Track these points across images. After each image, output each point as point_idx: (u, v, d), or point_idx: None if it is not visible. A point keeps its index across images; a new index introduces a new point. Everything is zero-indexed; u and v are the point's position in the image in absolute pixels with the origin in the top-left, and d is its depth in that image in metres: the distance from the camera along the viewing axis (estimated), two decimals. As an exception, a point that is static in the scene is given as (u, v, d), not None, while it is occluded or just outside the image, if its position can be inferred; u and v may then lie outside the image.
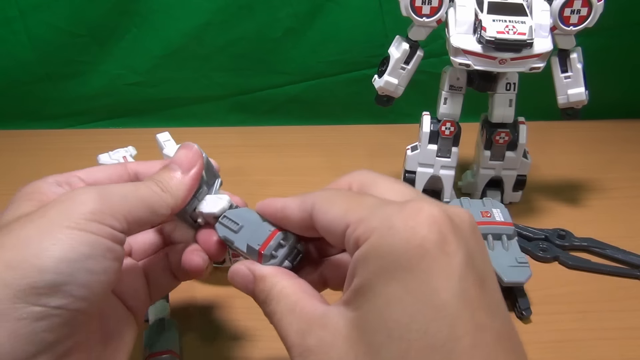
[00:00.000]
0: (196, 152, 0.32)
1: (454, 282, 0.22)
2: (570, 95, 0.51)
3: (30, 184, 0.29)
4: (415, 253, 0.22)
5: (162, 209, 0.29)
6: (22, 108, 0.77)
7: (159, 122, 0.76)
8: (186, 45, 0.72)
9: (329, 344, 0.24)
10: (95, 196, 0.26)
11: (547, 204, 0.60)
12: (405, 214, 0.23)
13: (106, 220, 0.26)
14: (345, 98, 0.76)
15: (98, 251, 0.25)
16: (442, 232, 0.22)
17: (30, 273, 0.23)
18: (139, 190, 0.29)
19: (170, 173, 0.31)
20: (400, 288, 0.22)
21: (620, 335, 0.43)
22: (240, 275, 0.30)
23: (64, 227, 0.24)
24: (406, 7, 0.49)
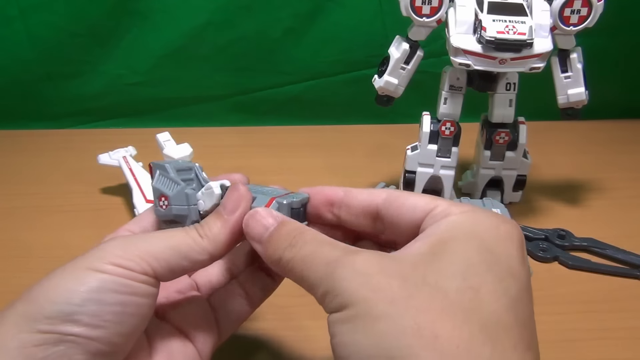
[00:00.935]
0: (241, 194, 0.31)
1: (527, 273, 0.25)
2: (570, 95, 0.51)
3: None
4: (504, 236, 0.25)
5: (198, 255, 0.29)
6: (22, 108, 0.77)
7: (159, 122, 0.76)
8: (186, 45, 0.72)
9: (390, 263, 0.24)
10: (121, 244, 0.28)
11: (547, 204, 0.60)
12: (496, 215, 0.26)
13: (123, 264, 0.27)
14: (345, 98, 0.76)
15: (109, 285, 0.27)
16: (522, 241, 0.26)
17: (45, 304, 0.26)
18: (173, 237, 0.29)
19: (214, 216, 0.31)
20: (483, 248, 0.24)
21: (620, 335, 0.43)
22: (258, 218, 0.29)
23: (82, 269, 0.27)
24: (406, 7, 0.49)
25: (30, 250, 0.52)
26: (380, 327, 0.22)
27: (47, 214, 0.58)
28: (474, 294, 0.23)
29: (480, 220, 0.26)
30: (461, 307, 0.22)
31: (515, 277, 0.24)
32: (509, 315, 0.23)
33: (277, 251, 0.28)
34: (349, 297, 0.24)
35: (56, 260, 0.30)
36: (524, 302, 0.24)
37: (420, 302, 0.22)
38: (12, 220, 0.57)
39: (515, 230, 0.26)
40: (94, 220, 0.57)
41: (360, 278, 0.24)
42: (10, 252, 0.52)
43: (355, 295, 0.23)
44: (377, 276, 0.24)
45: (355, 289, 0.23)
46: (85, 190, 0.61)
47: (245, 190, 0.31)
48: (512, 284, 0.24)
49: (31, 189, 0.63)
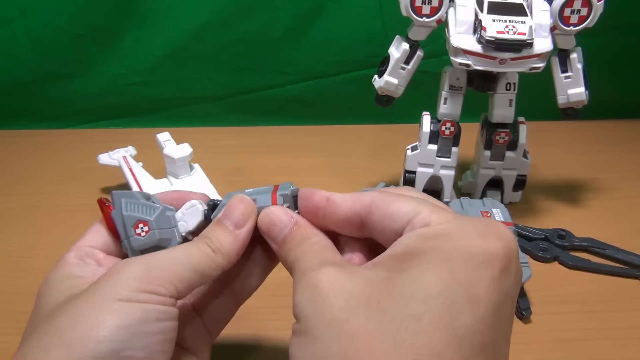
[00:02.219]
0: (249, 205, 0.31)
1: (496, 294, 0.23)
2: (570, 95, 0.51)
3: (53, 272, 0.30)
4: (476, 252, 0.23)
5: (213, 271, 0.29)
6: (22, 108, 0.77)
7: (159, 122, 0.76)
8: (186, 45, 0.72)
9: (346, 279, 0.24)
10: (142, 268, 0.27)
11: (547, 204, 0.60)
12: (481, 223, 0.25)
13: (154, 290, 0.26)
14: (345, 98, 0.76)
15: (152, 315, 0.26)
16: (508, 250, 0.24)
17: (90, 345, 0.24)
18: (191, 256, 0.29)
19: (222, 230, 0.30)
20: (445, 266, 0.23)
21: (620, 335, 0.43)
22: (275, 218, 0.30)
23: (115, 300, 0.25)
24: (406, 7, 0.49)
25: (31, 250, 0.52)
26: (316, 348, 0.23)
27: (47, 214, 0.58)
28: (413, 323, 0.22)
29: (455, 235, 0.24)
30: (394, 337, 0.22)
31: (473, 304, 0.22)
32: (447, 349, 0.21)
33: (289, 252, 0.29)
34: (300, 311, 0.25)
35: (56, 260, 0.30)
36: (477, 330, 0.22)
37: (354, 328, 0.22)
38: (12, 220, 0.57)
39: (498, 245, 0.24)
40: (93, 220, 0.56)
41: (310, 293, 0.25)
42: (10, 252, 0.52)
43: (304, 310, 0.24)
44: (326, 294, 0.24)
45: (304, 304, 0.25)
46: (85, 190, 0.61)
47: (251, 202, 0.31)
48: (465, 312, 0.22)
49: (31, 189, 0.63)
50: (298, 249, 0.28)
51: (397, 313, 0.22)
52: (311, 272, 0.26)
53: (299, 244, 0.28)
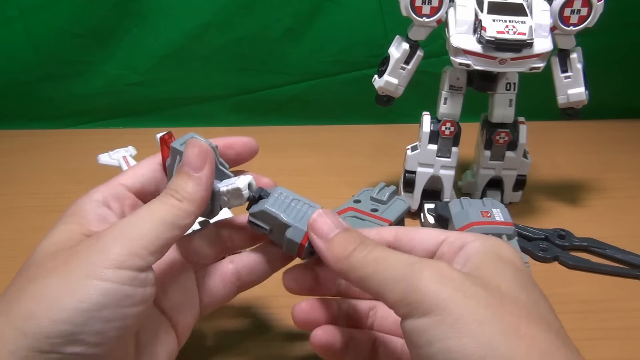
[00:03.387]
0: (203, 148, 0.31)
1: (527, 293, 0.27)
2: (570, 95, 0.51)
3: (75, 204, 0.31)
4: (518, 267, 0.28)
5: (184, 219, 0.29)
6: (22, 108, 0.77)
7: (159, 122, 0.76)
8: (186, 45, 0.72)
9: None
10: (114, 241, 0.27)
11: (547, 204, 0.60)
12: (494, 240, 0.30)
13: (127, 264, 0.26)
14: (345, 98, 0.76)
15: (113, 300, 0.26)
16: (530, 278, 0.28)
17: (45, 323, 0.24)
18: (157, 212, 0.29)
19: (184, 177, 0.30)
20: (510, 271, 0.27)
21: (620, 335, 0.43)
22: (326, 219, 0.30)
23: (82, 278, 0.25)
24: (406, 7, 0.49)
25: (30, 250, 0.52)
26: (486, 331, 0.23)
27: (47, 214, 0.57)
28: (537, 306, 0.26)
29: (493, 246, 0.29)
30: (537, 315, 0.25)
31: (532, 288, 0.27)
32: (558, 322, 0.26)
33: (346, 249, 0.28)
34: (442, 301, 0.24)
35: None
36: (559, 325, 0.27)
37: (511, 308, 0.25)
38: (12, 220, 0.57)
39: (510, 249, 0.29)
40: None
41: (451, 283, 0.25)
42: (10, 252, 0.52)
43: (450, 300, 0.24)
44: (466, 282, 0.25)
45: (448, 294, 0.24)
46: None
47: (204, 143, 0.32)
48: (548, 309, 0.27)
49: (31, 189, 0.63)
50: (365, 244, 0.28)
51: (526, 298, 0.26)
52: (426, 260, 0.27)
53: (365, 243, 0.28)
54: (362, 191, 0.52)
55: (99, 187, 0.32)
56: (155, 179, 0.34)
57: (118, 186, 0.32)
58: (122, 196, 0.32)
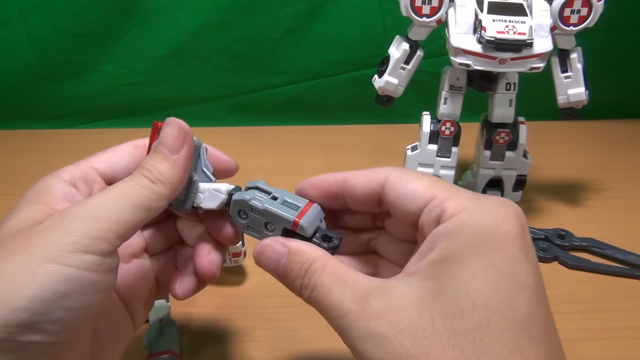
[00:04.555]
0: (182, 128, 0.29)
1: (533, 269, 0.24)
2: (570, 95, 0.51)
3: (42, 181, 0.29)
4: (504, 236, 0.24)
5: (156, 202, 0.27)
6: (22, 108, 0.77)
7: (159, 122, 0.76)
8: (186, 45, 0.72)
9: (398, 307, 0.24)
10: (80, 222, 0.25)
11: (547, 204, 0.60)
12: (495, 202, 0.26)
13: (91, 248, 0.25)
14: (345, 98, 0.76)
15: (76, 287, 0.24)
16: (523, 223, 0.25)
17: (3, 311, 0.23)
18: (128, 193, 0.27)
19: (159, 157, 0.28)
20: (487, 263, 0.24)
21: (620, 335, 0.43)
22: (271, 249, 0.29)
23: (44, 261, 0.24)
24: (406, 7, 0.49)
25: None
26: None
27: (47, 214, 0.58)
28: (484, 332, 0.22)
29: (480, 224, 0.25)
30: (474, 352, 0.22)
31: (524, 289, 0.23)
32: (521, 341, 0.22)
33: (294, 287, 0.27)
34: (363, 353, 0.24)
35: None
36: (536, 313, 0.23)
37: (434, 357, 0.22)
38: (12, 220, 0.57)
39: (514, 221, 0.25)
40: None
41: (373, 341, 0.24)
42: (10, 252, 0.52)
43: (371, 354, 0.24)
44: (388, 336, 0.23)
45: (374, 354, 0.23)
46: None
47: (183, 123, 0.30)
48: (521, 300, 0.23)
49: (31, 189, 0.63)
50: (308, 281, 0.27)
51: (466, 328, 0.22)
52: (355, 314, 0.24)
53: (300, 275, 0.27)
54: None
55: (69, 167, 0.30)
56: (128, 169, 0.32)
57: (89, 169, 0.30)
58: (91, 179, 0.30)
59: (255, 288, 0.39)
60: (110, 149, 0.32)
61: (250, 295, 0.46)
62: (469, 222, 0.25)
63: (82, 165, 0.30)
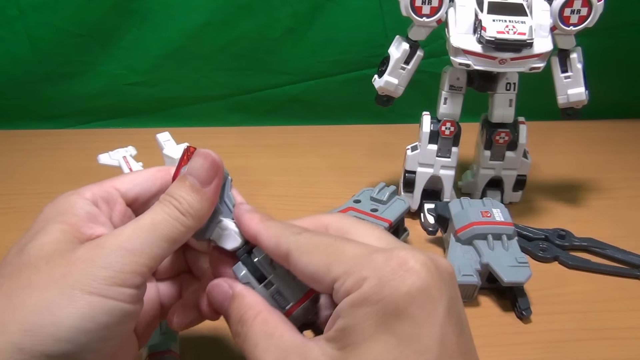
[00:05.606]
0: (215, 161, 0.29)
1: (436, 328, 0.23)
2: (570, 95, 0.51)
3: (64, 199, 0.29)
4: (403, 300, 0.23)
5: (184, 235, 0.28)
6: (22, 108, 0.77)
7: (159, 122, 0.76)
8: (186, 45, 0.72)
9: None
10: (116, 255, 0.25)
11: (547, 204, 0.60)
12: (394, 263, 0.24)
13: (128, 282, 0.25)
14: (345, 98, 0.76)
15: (116, 319, 0.25)
16: (427, 280, 0.24)
17: (47, 341, 0.23)
18: (159, 225, 0.27)
19: (188, 188, 0.28)
20: (386, 332, 0.23)
21: (620, 335, 0.43)
22: (219, 289, 0.29)
23: (85, 293, 0.24)
24: (406, 7, 0.49)
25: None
26: None
27: (47, 214, 0.58)
28: None
29: (377, 294, 0.24)
30: None
31: (426, 353, 0.23)
32: None
33: (232, 332, 0.28)
34: None
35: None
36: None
37: None
38: (12, 220, 0.57)
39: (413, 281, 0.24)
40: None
41: None
42: (10, 252, 0.52)
43: None
44: None
45: None
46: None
47: (216, 156, 0.29)
48: None
49: (31, 189, 0.63)
50: (241, 329, 0.27)
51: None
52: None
53: (237, 320, 0.28)
54: (362, 191, 0.52)
55: (91, 186, 0.30)
56: (150, 192, 0.32)
57: (111, 189, 0.30)
58: (112, 200, 0.30)
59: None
60: (133, 172, 0.33)
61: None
62: (369, 294, 0.24)
63: (104, 185, 0.30)
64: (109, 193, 0.30)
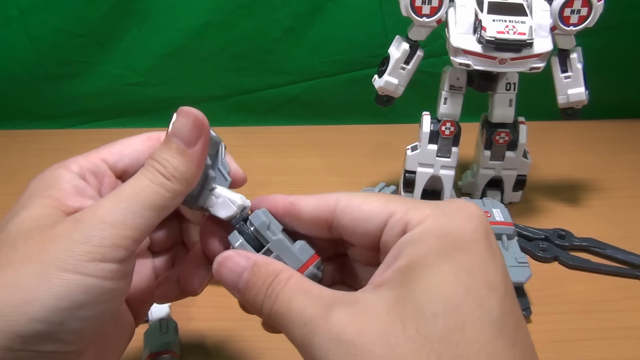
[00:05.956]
0: (197, 119, 0.27)
1: (501, 268, 0.23)
2: (570, 95, 0.51)
3: (50, 172, 0.28)
4: (470, 238, 0.23)
5: (171, 200, 0.26)
6: (22, 108, 0.77)
7: (159, 122, 0.76)
8: (186, 45, 0.72)
9: (366, 314, 0.22)
10: (94, 229, 0.24)
11: (547, 204, 0.60)
12: (456, 205, 0.25)
13: (108, 256, 0.24)
14: (345, 98, 0.76)
15: (94, 297, 0.24)
16: (486, 225, 0.24)
17: (20, 321, 0.22)
18: (142, 193, 0.25)
19: (172, 150, 0.26)
20: (456, 265, 0.23)
21: (620, 335, 0.43)
22: (234, 261, 0.26)
23: (61, 271, 0.23)
24: (406, 7, 0.49)
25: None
26: None
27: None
28: (459, 335, 0.21)
29: (443, 227, 0.24)
30: (452, 356, 0.21)
31: (494, 288, 0.22)
32: (497, 342, 0.21)
33: (256, 303, 0.25)
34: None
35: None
36: (507, 313, 0.22)
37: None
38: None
39: (478, 222, 0.24)
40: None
41: (342, 349, 0.22)
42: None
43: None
44: (361, 344, 0.22)
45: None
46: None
47: (200, 113, 0.27)
48: (493, 300, 0.22)
49: (31, 189, 0.63)
50: (270, 293, 0.25)
51: (441, 332, 0.21)
52: (319, 319, 0.23)
53: (263, 287, 0.25)
54: (362, 191, 0.52)
55: (77, 158, 0.29)
56: (140, 163, 0.30)
57: (99, 161, 0.29)
58: (101, 173, 0.29)
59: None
60: (122, 141, 0.31)
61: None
62: (433, 228, 0.24)
63: (91, 157, 0.29)
64: (96, 166, 0.29)
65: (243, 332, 0.43)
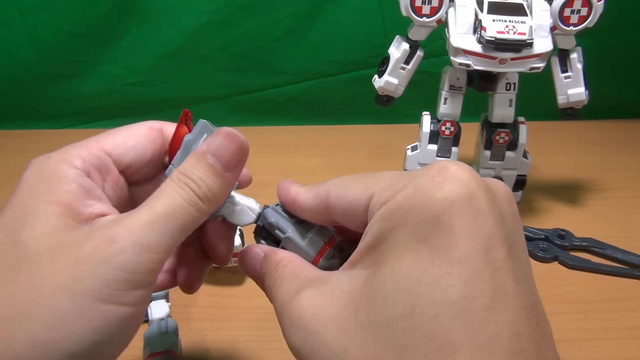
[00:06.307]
0: (243, 146, 0.26)
1: (477, 239, 0.20)
2: (570, 95, 0.51)
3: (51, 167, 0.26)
4: (439, 206, 0.20)
5: (197, 222, 0.25)
6: (22, 108, 0.77)
7: (159, 122, 0.76)
8: (186, 45, 0.72)
9: (327, 298, 0.22)
10: (131, 253, 0.23)
11: (547, 204, 0.60)
12: (433, 171, 0.21)
13: (143, 282, 0.23)
14: (345, 98, 0.76)
15: (128, 325, 0.23)
16: (470, 188, 0.21)
17: (58, 356, 0.21)
18: (175, 214, 0.24)
19: (208, 170, 0.25)
20: (418, 242, 0.20)
21: (620, 335, 0.43)
22: (253, 252, 0.28)
23: (98, 302, 0.22)
24: (406, 7, 0.49)
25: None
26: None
27: (47, 214, 0.58)
28: (407, 322, 0.19)
29: (413, 198, 0.21)
30: (396, 346, 0.19)
31: (462, 262, 0.20)
32: (453, 330, 0.19)
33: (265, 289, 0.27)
34: (296, 353, 0.23)
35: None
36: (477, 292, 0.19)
37: (355, 357, 0.20)
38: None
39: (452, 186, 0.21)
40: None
41: (298, 334, 0.22)
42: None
43: (301, 352, 0.22)
44: (315, 329, 0.22)
45: (298, 346, 0.22)
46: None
47: (246, 141, 0.26)
48: (454, 278, 0.19)
49: (31, 189, 0.63)
50: (271, 279, 0.26)
51: (389, 319, 0.20)
52: (288, 303, 0.23)
53: (269, 274, 0.26)
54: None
55: (78, 150, 0.27)
56: (145, 158, 0.29)
57: (102, 154, 0.27)
58: (105, 168, 0.27)
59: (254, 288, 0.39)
60: (123, 130, 0.29)
61: (250, 295, 0.46)
62: (401, 202, 0.21)
63: (92, 148, 0.27)
64: (100, 160, 0.27)
65: (243, 332, 0.43)
